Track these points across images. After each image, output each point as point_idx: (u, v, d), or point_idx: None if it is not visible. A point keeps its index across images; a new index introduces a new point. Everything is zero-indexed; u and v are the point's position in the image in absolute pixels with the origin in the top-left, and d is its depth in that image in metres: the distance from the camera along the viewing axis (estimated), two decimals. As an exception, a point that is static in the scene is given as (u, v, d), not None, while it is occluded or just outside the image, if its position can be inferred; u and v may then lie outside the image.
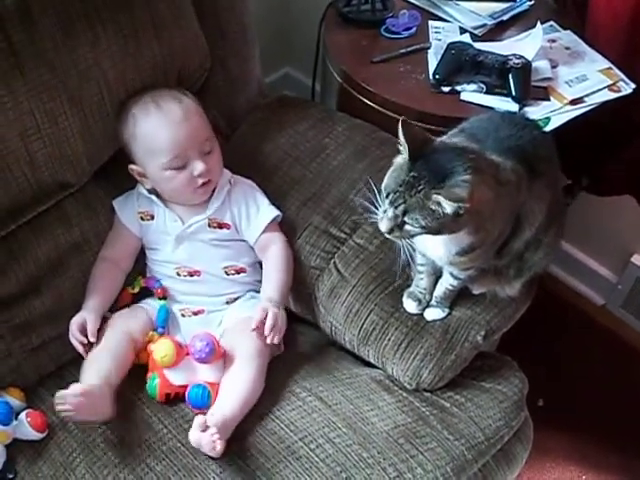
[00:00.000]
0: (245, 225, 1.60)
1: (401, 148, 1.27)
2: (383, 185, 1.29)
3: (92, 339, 1.49)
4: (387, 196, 1.27)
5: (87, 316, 1.51)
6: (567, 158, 1.49)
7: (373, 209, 1.32)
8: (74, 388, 1.37)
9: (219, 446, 1.36)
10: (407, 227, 1.26)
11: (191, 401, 1.46)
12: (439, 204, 1.20)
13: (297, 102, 1.90)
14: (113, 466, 1.40)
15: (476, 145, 1.30)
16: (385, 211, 1.27)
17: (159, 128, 1.51)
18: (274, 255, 1.59)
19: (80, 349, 1.50)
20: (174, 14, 1.60)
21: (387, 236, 1.31)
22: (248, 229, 1.60)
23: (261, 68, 1.90)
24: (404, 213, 1.25)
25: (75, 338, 1.50)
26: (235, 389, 1.45)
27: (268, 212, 1.60)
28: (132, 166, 1.57)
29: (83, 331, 1.50)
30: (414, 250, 1.40)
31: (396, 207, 1.25)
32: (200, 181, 1.54)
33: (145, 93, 1.55)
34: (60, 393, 1.36)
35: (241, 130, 1.81)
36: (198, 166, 1.52)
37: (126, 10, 1.54)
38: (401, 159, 1.28)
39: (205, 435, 1.36)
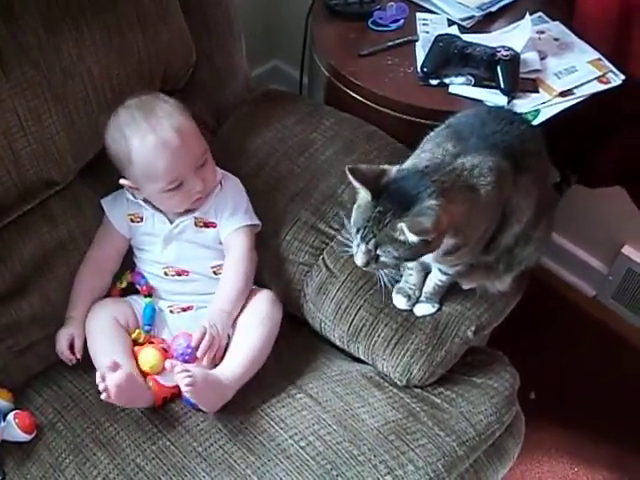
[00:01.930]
0: (221, 224, 1.58)
1: (360, 191, 1.28)
2: (352, 221, 1.31)
3: (78, 356, 1.51)
4: (357, 232, 1.28)
5: (75, 332, 1.52)
6: (556, 151, 1.48)
7: (349, 243, 1.35)
8: (116, 376, 1.37)
9: (186, 379, 1.36)
10: (382, 259, 1.28)
11: (189, 401, 1.45)
12: (404, 233, 1.21)
13: (284, 96, 1.88)
14: (103, 467, 1.39)
15: (450, 148, 1.30)
16: (358, 245, 1.29)
17: (158, 158, 1.47)
18: (230, 262, 1.57)
19: (68, 362, 1.52)
20: (159, 9, 1.59)
21: (364, 269, 1.33)
22: (221, 228, 1.58)
23: (249, 61, 1.89)
24: (376, 247, 1.26)
25: (64, 356, 1.52)
26: (241, 350, 1.48)
27: (242, 218, 1.58)
28: (124, 181, 1.54)
29: (71, 346, 1.51)
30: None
31: (367, 242, 1.27)
32: (197, 196, 1.53)
33: (134, 106, 1.50)
34: (100, 383, 1.37)
35: (228, 125, 1.80)
36: (197, 186, 1.51)
37: (110, 5, 1.52)
38: (364, 195, 1.28)
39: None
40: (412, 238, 1.21)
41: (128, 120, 1.49)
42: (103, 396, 1.37)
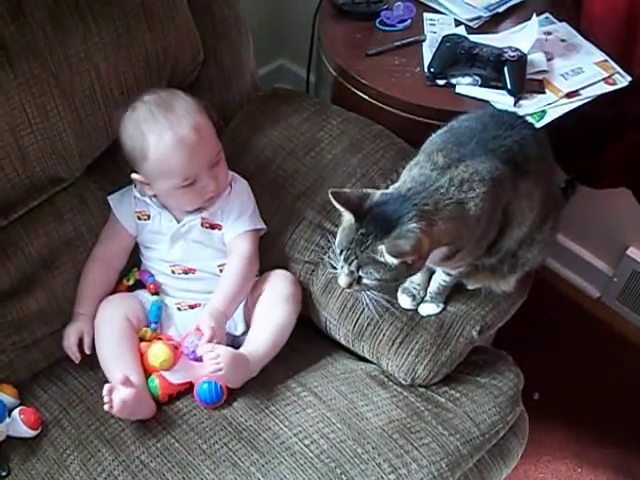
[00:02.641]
0: (226, 227, 1.58)
1: (344, 214, 1.30)
2: (336, 243, 1.33)
3: (88, 352, 1.51)
4: (340, 253, 1.30)
5: (85, 328, 1.52)
6: (561, 152, 1.48)
7: (334, 264, 1.37)
8: (125, 393, 1.37)
9: (214, 366, 1.39)
10: (364, 281, 1.30)
11: (203, 398, 1.45)
12: (384, 255, 1.23)
13: (291, 95, 1.88)
14: (107, 463, 1.39)
15: (440, 160, 1.30)
16: (342, 267, 1.31)
17: (174, 156, 1.47)
18: (231, 264, 1.57)
19: (74, 359, 1.52)
20: (166, 6, 1.59)
21: (347, 290, 1.35)
22: (226, 231, 1.58)
23: (256, 60, 1.89)
24: (358, 268, 1.28)
25: (72, 352, 1.51)
26: (264, 328, 1.50)
27: (247, 223, 1.58)
28: (135, 176, 1.54)
29: (80, 343, 1.51)
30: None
31: (350, 263, 1.29)
32: (209, 195, 1.54)
33: (153, 102, 1.50)
34: (106, 395, 1.38)
35: (234, 123, 1.80)
36: (210, 185, 1.51)
37: (117, 2, 1.52)
38: (348, 218, 1.29)
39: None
40: (391, 260, 1.23)
41: (146, 116, 1.48)
42: (106, 407, 1.38)
